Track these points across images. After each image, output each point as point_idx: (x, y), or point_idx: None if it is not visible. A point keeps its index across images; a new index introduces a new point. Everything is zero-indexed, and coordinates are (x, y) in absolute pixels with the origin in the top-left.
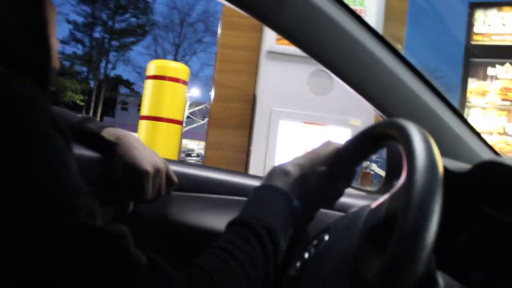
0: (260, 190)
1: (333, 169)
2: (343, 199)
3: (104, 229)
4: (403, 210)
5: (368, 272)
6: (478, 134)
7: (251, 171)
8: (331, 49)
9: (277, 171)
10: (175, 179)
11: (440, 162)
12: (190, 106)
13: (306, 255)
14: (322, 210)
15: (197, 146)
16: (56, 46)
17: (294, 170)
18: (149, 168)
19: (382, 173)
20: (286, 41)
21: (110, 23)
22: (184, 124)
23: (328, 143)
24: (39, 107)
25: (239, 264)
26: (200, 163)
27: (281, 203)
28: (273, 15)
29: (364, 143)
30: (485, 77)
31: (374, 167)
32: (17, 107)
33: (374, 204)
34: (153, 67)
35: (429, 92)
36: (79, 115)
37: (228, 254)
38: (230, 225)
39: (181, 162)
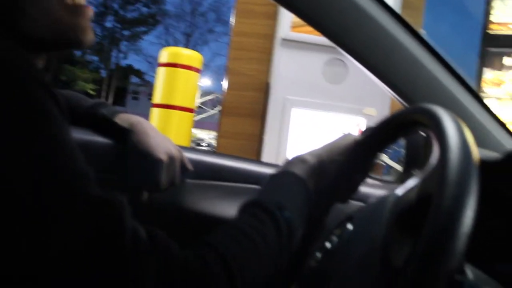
0: (277, 175)
1: (351, 161)
2: (361, 188)
3: (100, 195)
4: (438, 189)
5: (399, 258)
6: (501, 122)
7: (264, 160)
8: (352, 34)
9: (295, 159)
10: (190, 166)
11: (473, 141)
12: (201, 95)
13: (328, 245)
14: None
15: (207, 136)
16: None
17: (311, 159)
18: (163, 156)
19: (393, 164)
20: (300, 29)
21: (121, 12)
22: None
23: (347, 135)
24: (28, 71)
25: (250, 241)
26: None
27: (296, 187)
28: None
29: (389, 131)
30: (501, 67)
31: (384, 157)
32: (5, 71)
33: (401, 191)
34: (165, 54)
35: (453, 80)
36: (92, 100)
37: (240, 231)
38: (245, 206)
39: (194, 149)
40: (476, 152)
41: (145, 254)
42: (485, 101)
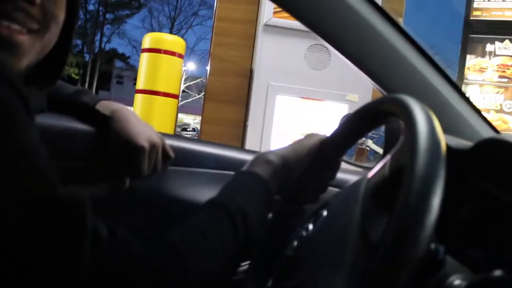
0: (240, 175)
1: (317, 161)
2: (340, 175)
3: (61, 195)
4: (410, 158)
5: (375, 232)
6: (478, 112)
7: (247, 146)
8: (331, 22)
9: (260, 159)
10: (172, 154)
11: (440, 128)
12: (186, 80)
13: (304, 233)
14: None
15: (193, 121)
16: None
17: (276, 160)
18: (144, 143)
19: (378, 149)
20: (283, 14)
21: None
22: (179, 99)
23: (312, 135)
24: None
25: (206, 239)
26: (196, 137)
27: (257, 188)
28: None
29: (363, 120)
30: (483, 54)
31: (370, 143)
32: None
33: (370, 174)
34: (148, 40)
35: (431, 68)
36: (74, 87)
37: (197, 229)
38: (206, 205)
39: (177, 136)
40: (441, 131)
41: (105, 252)
42: (467, 88)
